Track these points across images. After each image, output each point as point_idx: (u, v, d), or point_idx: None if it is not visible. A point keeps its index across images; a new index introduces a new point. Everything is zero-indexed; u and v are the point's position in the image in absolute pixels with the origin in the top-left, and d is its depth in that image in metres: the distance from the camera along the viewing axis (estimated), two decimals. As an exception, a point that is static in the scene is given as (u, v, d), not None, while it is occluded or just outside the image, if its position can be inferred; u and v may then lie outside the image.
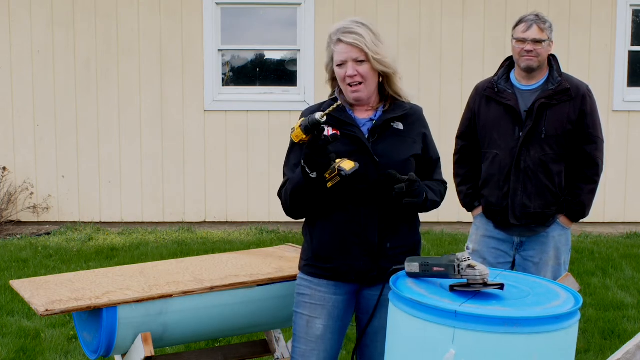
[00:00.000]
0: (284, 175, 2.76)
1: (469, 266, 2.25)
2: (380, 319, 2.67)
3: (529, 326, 2.07)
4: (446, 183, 2.86)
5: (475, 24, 8.19)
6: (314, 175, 2.52)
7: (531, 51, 3.48)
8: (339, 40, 2.62)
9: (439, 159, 2.84)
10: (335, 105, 2.55)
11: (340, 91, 2.75)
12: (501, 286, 2.24)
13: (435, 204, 2.72)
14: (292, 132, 2.54)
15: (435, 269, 2.34)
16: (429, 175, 2.79)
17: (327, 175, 2.54)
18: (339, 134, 2.65)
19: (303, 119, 2.52)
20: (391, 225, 2.67)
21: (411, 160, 2.69)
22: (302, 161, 2.54)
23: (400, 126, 2.70)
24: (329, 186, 2.55)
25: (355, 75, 2.62)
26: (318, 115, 2.44)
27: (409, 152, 2.69)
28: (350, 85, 2.65)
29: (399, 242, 2.70)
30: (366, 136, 2.66)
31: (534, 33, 3.47)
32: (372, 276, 2.68)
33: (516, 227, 3.59)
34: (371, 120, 2.70)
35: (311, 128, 2.46)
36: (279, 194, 2.76)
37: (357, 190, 2.62)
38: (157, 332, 2.85)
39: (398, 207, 2.61)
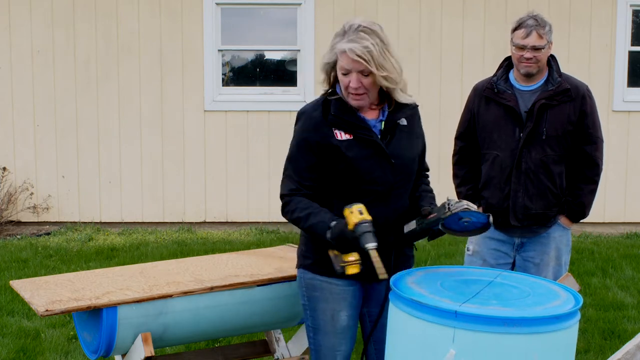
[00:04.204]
0: (286, 170, 2.70)
1: (458, 201, 2.42)
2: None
3: (529, 326, 2.07)
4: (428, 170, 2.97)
5: (475, 24, 8.19)
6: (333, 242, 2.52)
7: (530, 58, 3.45)
8: (345, 53, 2.54)
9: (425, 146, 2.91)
10: None
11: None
12: (488, 216, 2.44)
13: None
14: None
15: (429, 217, 2.49)
16: (421, 164, 2.87)
17: (346, 259, 2.48)
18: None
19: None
20: (401, 225, 2.71)
21: (417, 157, 2.79)
22: (333, 241, 2.51)
23: (404, 122, 2.73)
24: (348, 272, 2.50)
25: (359, 87, 2.59)
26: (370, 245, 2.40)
27: (417, 149, 2.79)
28: (351, 93, 2.62)
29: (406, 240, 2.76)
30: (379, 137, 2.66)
31: (533, 40, 3.41)
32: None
33: (517, 228, 3.58)
34: (380, 121, 2.69)
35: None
36: (282, 197, 2.70)
37: (375, 192, 2.63)
38: (157, 332, 2.85)
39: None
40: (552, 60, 3.57)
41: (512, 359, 2.08)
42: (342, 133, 2.63)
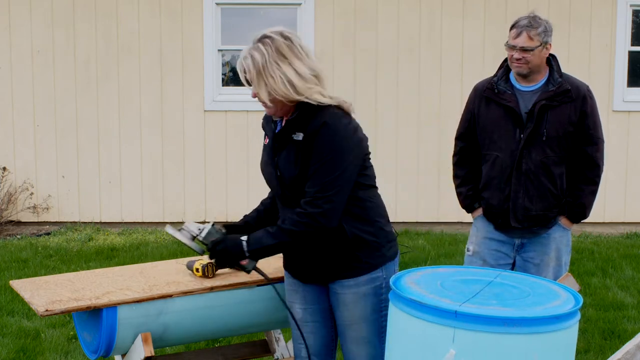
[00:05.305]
0: None
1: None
2: (342, 318, 2.71)
3: (529, 326, 2.07)
4: (315, 200, 2.49)
5: (475, 24, 8.18)
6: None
7: (520, 59, 3.45)
8: None
9: (314, 172, 2.51)
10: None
11: None
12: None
13: (284, 244, 2.58)
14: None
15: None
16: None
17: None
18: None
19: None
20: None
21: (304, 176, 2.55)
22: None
23: (300, 136, 2.54)
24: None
25: (256, 97, 2.62)
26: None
27: (301, 165, 2.54)
28: None
29: (324, 244, 2.63)
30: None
31: (522, 41, 3.42)
32: (311, 277, 2.74)
33: (517, 229, 3.58)
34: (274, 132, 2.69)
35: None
36: None
37: (278, 199, 2.77)
38: (157, 332, 2.85)
39: None
40: (552, 61, 3.56)
41: (512, 359, 2.08)
42: (267, 138, 2.80)
